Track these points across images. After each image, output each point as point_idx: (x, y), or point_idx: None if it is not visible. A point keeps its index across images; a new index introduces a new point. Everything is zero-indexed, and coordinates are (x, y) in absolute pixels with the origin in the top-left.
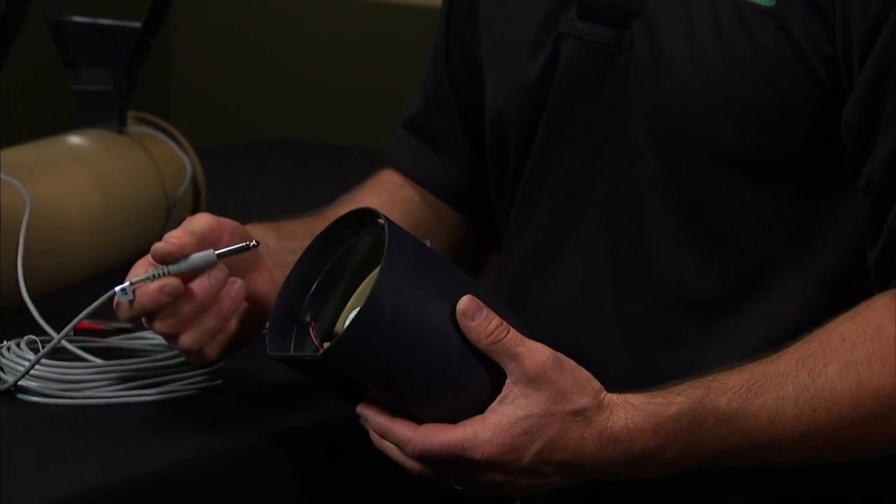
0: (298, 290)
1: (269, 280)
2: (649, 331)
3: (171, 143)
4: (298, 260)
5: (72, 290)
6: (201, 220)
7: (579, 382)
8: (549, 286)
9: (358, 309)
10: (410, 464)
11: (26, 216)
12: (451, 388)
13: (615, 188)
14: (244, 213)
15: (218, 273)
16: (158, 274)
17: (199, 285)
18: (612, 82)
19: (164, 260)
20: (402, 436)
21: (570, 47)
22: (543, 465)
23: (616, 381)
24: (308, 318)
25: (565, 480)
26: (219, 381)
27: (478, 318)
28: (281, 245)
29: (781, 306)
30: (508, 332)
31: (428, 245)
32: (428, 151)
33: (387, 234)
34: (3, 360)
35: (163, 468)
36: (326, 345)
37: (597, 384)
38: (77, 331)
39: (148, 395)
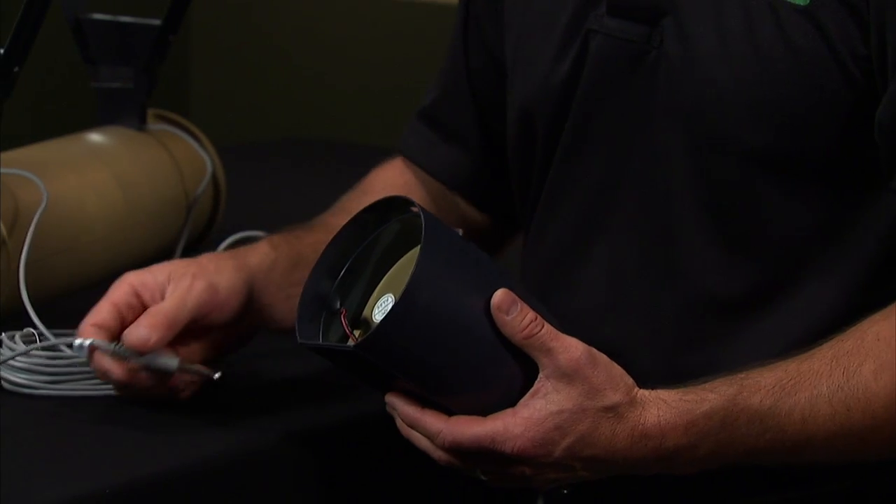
0: (327, 277)
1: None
2: (676, 329)
3: (192, 141)
4: (327, 247)
5: (91, 289)
6: (196, 298)
7: (612, 378)
8: (576, 284)
9: (393, 301)
10: (438, 454)
11: (40, 210)
12: (482, 381)
13: (643, 186)
14: (264, 211)
15: (167, 377)
16: (119, 353)
17: (143, 376)
18: (642, 80)
19: (132, 349)
20: (433, 427)
21: (599, 44)
22: (573, 460)
23: (642, 378)
24: (338, 305)
25: (593, 475)
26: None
27: (513, 312)
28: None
29: (809, 307)
30: (543, 326)
31: (461, 234)
32: (440, 143)
33: (423, 225)
34: None
35: (165, 467)
36: (356, 332)
37: (629, 380)
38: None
39: None
